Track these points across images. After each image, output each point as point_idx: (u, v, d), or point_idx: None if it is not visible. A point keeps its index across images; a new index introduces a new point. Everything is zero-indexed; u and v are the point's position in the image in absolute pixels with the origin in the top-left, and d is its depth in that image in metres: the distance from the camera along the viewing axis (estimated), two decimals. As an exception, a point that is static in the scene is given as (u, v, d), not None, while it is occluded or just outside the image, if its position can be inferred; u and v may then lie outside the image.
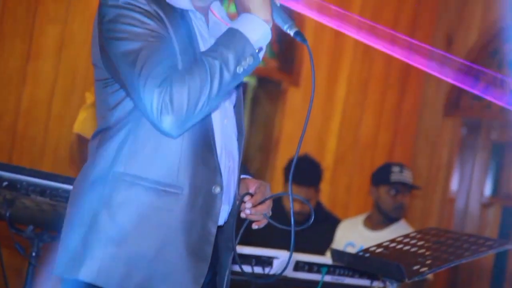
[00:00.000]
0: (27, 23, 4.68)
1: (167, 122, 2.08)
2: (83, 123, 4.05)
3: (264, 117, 5.95)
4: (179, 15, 2.20)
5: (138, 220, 2.17)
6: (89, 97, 4.11)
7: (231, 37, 2.13)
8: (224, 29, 2.25)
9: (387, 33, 6.11)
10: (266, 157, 5.89)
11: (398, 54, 6.19)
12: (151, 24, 2.12)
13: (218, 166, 2.24)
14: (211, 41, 2.23)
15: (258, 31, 2.14)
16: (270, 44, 5.82)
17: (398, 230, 4.42)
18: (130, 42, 2.10)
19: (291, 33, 2.20)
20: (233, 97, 2.37)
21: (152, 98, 2.07)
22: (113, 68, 2.15)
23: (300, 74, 5.84)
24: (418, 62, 6.27)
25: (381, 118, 6.19)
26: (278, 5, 2.21)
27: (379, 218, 4.62)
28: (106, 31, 2.15)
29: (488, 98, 6.08)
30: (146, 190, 2.18)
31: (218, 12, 2.36)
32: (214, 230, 2.23)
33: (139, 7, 2.12)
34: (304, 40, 2.18)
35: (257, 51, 2.14)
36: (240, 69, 2.12)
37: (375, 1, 6.02)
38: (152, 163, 2.18)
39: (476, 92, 6.19)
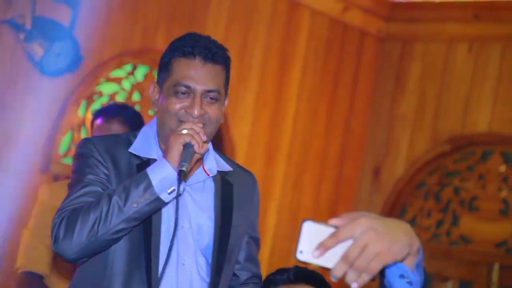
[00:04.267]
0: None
1: (60, 247, 2.31)
2: (29, 254, 3.57)
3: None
4: (139, 163, 2.43)
5: None
6: (30, 225, 3.65)
7: (138, 175, 2.34)
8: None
9: (316, 164, 6.22)
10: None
11: (327, 184, 6.29)
12: (92, 169, 2.41)
13: None
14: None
15: (161, 173, 2.31)
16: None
17: None
18: (73, 181, 2.44)
19: (177, 170, 2.34)
20: (203, 239, 2.46)
21: (53, 226, 2.33)
22: None
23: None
24: (346, 193, 6.37)
25: (311, 247, 6.22)
26: (192, 151, 2.34)
27: None
28: None
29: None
30: None
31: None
32: None
33: (89, 155, 2.43)
34: (180, 181, 2.31)
35: (168, 192, 2.30)
36: (134, 204, 2.29)
37: (305, 132, 6.15)
38: None
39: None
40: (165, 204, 2.34)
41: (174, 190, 2.31)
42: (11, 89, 4.79)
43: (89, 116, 3.79)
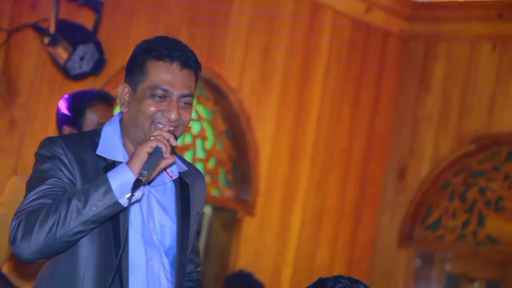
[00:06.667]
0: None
1: (17, 248, 2.35)
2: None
3: (219, 246, 5.92)
4: (105, 166, 2.46)
5: None
6: None
7: (98, 179, 2.38)
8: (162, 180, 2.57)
9: (340, 165, 6.20)
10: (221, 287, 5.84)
11: (352, 185, 6.27)
12: (57, 172, 2.43)
13: None
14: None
15: (121, 178, 2.36)
16: (225, 173, 5.86)
17: None
18: (33, 182, 2.44)
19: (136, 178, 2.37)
20: (166, 240, 2.52)
21: (12, 227, 2.38)
22: None
23: (256, 203, 5.86)
24: (371, 194, 6.34)
25: (336, 249, 6.20)
26: (159, 157, 2.38)
27: None
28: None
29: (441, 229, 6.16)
30: None
31: None
32: None
33: (55, 156, 2.44)
34: (133, 190, 2.35)
35: (127, 197, 2.34)
36: (93, 208, 2.33)
37: (329, 134, 6.13)
38: None
39: (428, 223, 6.25)
40: (124, 208, 2.38)
41: (133, 195, 2.35)
42: (35, 93, 4.81)
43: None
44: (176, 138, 2.45)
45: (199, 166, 5.61)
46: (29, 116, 4.77)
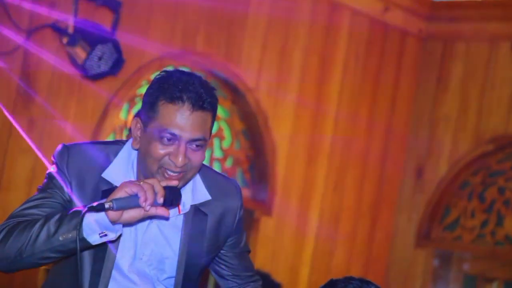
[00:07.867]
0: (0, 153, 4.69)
1: None
2: None
3: (236, 246, 5.92)
4: (105, 190, 2.39)
5: None
6: None
7: (76, 210, 2.30)
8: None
9: (358, 164, 6.19)
10: (238, 286, 5.84)
11: (369, 185, 6.26)
12: (58, 182, 2.41)
13: None
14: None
15: (96, 215, 2.27)
16: (242, 173, 5.87)
17: None
18: (40, 187, 2.44)
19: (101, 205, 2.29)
20: (163, 272, 2.48)
21: None
22: None
23: (273, 204, 5.86)
24: (388, 194, 6.33)
25: (353, 249, 6.19)
26: (134, 202, 2.27)
27: None
28: None
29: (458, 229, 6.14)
30: None
31: None
32: None
33: (59, 168, 2.42)
34: (92, 208, 2.26)
35: (100, 235, 2.27)
36: (61, 237, 2.28)
37: (346, 133, 6.12)
38: None
39: (446, 223, 6.23)
40: (92, 246, 2.31)
41: (106, 235, 2.28)
42: (54, 93, 4.83)
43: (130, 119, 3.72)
44: (176, 196, 2.33)
45: (216, 165, 5.62)
46: (48, 116, 4.79)
